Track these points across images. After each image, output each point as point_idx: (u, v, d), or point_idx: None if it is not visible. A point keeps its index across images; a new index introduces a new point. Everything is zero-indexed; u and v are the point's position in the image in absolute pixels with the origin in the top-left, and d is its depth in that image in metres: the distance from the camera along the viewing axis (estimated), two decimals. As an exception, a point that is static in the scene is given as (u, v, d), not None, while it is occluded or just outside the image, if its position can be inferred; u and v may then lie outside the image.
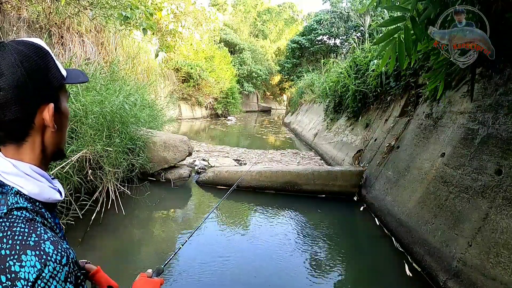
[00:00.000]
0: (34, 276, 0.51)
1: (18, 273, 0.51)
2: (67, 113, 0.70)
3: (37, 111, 0.62)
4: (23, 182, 0.60)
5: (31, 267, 0.51)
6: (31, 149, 0.63)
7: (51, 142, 0.66)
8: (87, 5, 5.86)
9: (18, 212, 0.56)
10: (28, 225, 0.55)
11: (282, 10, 38.66)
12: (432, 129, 3.36)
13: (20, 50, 0.60)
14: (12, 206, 0.57)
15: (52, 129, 0.64)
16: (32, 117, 0.61)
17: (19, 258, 0.52)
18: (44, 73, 0.62)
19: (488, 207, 2.23)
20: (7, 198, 0.58)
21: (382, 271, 2.82)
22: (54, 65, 0.65)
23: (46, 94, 0.63)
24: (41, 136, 0.64)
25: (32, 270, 0.51)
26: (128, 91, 4.81)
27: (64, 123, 0.70)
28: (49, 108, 0.63)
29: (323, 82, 9.62)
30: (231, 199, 4.51)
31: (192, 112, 16.87)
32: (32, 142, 0.63)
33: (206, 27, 16.02)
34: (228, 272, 2.63)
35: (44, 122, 0.62)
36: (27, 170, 0.61)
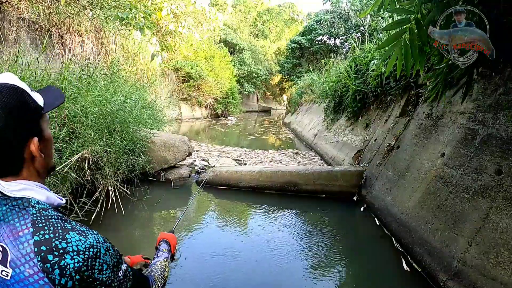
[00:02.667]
0: (83, 247, 0.63)
1: (66, 248, 0.62)
2: (50, 138, 0.76)
3: (24, 147, 0.68)
4: (34, 193, 0.68)
5: (78, 241, 0.63)
6: (28, 176, 0.70)
7: (42, 166, 0.73)
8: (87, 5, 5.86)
9: (45, 212, 0.66)
10: (59, 217, 0.67)
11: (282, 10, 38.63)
12: (432, 129, 3.36)
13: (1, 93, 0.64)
14: (39, 207, 0.66)
15: (40, 158, 0.71)
16: (22, 154, 0.68)
17: (64, 237, 0.63)
18: (23, 112, 0.66)
19: (488, 207, 2.23)
20: (30, 203, 0.66)
21: (382, 271, 2.82)
22: (30, 100, 0.69)
23: (29, 130, 0.68)
24: (32, 164, 0.70)
25: (79, 243, 0.63)
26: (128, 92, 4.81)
27: (48, 147, 0.75)
28: (34, 142, 0.68)
29: (323, 82, 9.61)
30: (231, 199, 4.51)
31: (192, 112, 16.86)
32: (27, 170, 0.70)
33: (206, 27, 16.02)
34: (227, 272, 2.63)
35: (32, 153, 0.69)
36: (33, 185, 0.69)
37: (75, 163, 3.18)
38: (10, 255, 0.61)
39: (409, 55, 1.95)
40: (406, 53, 1.94)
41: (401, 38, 1.95)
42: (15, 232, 0.63)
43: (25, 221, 0.64)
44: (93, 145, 3.40)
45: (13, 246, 0.62)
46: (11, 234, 0.63)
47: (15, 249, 0.61)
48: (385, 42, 2.20)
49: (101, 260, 0.65)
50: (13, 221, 0.64)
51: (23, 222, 0.64)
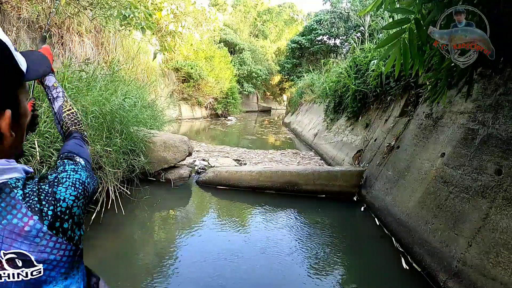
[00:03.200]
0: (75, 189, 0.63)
1: (68, 205, 0.59)
2: (26, 114, 0.63)
3: None
4: (9, 175, 0.56)
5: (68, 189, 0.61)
6: None
7: (10, 146, 0.60)
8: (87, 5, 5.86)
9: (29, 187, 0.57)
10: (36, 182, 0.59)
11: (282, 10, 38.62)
12: (432, 129, 3.36)
13: None
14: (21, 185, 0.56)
15: (10, 137, 0.57)
16: None
17: (57, 199, 0.58)
18: (1, 72, 0.53)
19: (488, 207, 2.23)
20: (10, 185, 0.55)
21: (382, 270, 2.82)
22: (11, 62, 0.56)
23: (2, 99, 0.54)
24: (1, 143, 0.57)
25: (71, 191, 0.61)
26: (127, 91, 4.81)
27: (23, 124, 0.63)
28: (5, 116, 0.54)
29: (323, 82, 9.61)
30: (231, 199, 4.51)
31: (192, 112, 16.86)
32: None
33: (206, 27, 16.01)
34: (227, 272, 2.63)
35: (0, 130, 0.55)
36: (5, 164, 0.57)
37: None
38: (32, 256, 0.53)
39: (407, 55, 1.95)
40: (405, 52, 1.95)
41: (400, 38, 1.95)
42: (20, 230, 0.52)
43: (20, 210, 0.53)
44: (93, 145, 3.40)
45: (29, 246, 0.53)
46: (16, 234, 0.52)
47: (34, 246, 0.53)
48: (384, 42, 2.19)
49: (87, 181, 0.67)
50: (5, 220, 0.52)
51: (20, 214, 0.53)
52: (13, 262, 0.52)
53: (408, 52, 1.93)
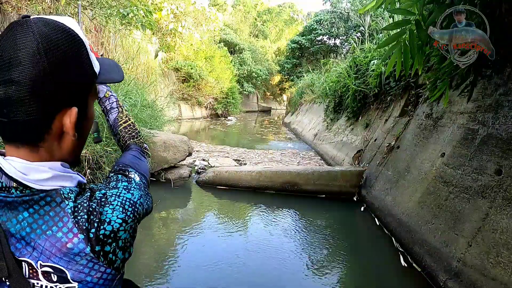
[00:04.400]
0: (123, 211, 0.55)
1: (114, 227, 0.53)
2: (92, 119, 0.61)
3: (57, 115, 0.51)
4: (63, 182, 0.53)
5: (115, 211, 0.54)
6: (49, 155, 0.54)
7: (68, 150, 0.56)
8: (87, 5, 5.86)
9: (80, 200, 0.53)
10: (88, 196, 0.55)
11: (282, 10, 38.64)
12: (432, 129, 3.36)
13: (47, 35, 0.48)
14: (73, 197, 0.52)
15: (72, 137, 0.54)
16: (50, 121, 0.51)
17: (104, 221, 0.52)
18: (73, 68, 0.51)
19: (488, 207, 2.23)
20: (63, 195, 0.51)
21: (382, 270, 2.82)
22: (86, 59, 0.54)
23: (71, 96, 0.52)
24: (58, 142, 0.54)
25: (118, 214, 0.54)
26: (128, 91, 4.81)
27: (86, 129, 0.60)
28: (71, 113, 0.52)
29: (323, 82, 9.61)
30: (231, 199, 4.51)
31: (192, 112, 16.86)
32: (49, 148, 0.53)
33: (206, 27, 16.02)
34: (227, 272, 2.63)
35: (63, 128, 0.53)
36: (60, 169, 0.54)
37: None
38: (68, 273, 0.50)
39: (408, 56, 1.95)
40: (406, 54, 1.94)
41: (401, 39, 1.94)
42: (62, 245, 0.49)
43: (67, 225, 0.50)
44: (93, 145, 3.40)
45: (67, 263, 0.49)
46: (57, 249, 0.49)
47: (73, 264, 0.50)
48: (385, 43, 2.19)
49: (138, 202, 0.59)
50: (50, 231, 0.49)
51: (66, 228, 0.49)
52: (48, 275, 0.50)
53: (409, 54, 1.93)
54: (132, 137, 0.88)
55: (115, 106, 0.94)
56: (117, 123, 0.91)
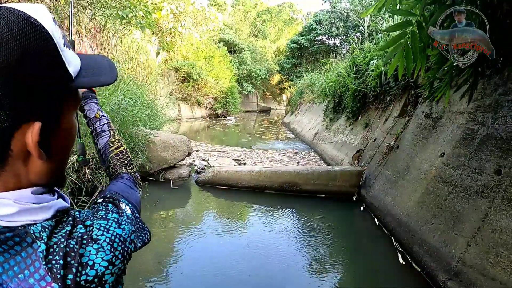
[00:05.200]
0: (108, 253, 0.45)
1: (97, 272, 0.44)
2: (71, 133, 0.49)
3: (15, 132, 0.40)
4: (34, 216, 0.43)
5: (98, 253, 0.45)
6: (15, 180, 0.43)
7: (39, 173, 0.45)
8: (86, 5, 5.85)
9: (55, 238, 0.43)
10: (67, 233, 0.44)
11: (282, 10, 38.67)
12: (432, 129, 3.36)
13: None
14: (46, 237, 0.42)
15: (38, 158, 0.43)
16: (7, 140, 0.41)
17: (85, 265, 0.43)
18: (34, 70, 0.40)
19: (488, 207, 2.24)
20: (33, 234, 0.41)
21: (381, 270, 2.82)
22: (55, 58, 0.42)
23: (32, 107, 0.41)
24: (24, 164, 0.43)
25: (102, 255, 0.45)
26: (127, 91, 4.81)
27: (61, 146, 0.48)
28: (33, 130, 0.41)
29: (323, 82, 9.62)
30: (230, 199, 4.51)
31: (191, 112, 16.86)
32: (13, 172, 0.43)
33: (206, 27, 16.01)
34: (227, 272, 2.63)
35: (25, 147, 0.42)
36: (31, 198, 0.44)
37: (75, 162, 3.18)
38: None
39: (410, 58, 1.94)
40: (408, 56, 1.93)
41: (403, 41, 1.94)
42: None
43: (39, 271, 0.40)
44: (92, 145, 3.40)
45: None
46: None
47: None
48: (386, 44, 2.18)
49: (128, 239, 0.50)
50: (22, 275, 0.39)
51: (37, 275, 0.40)
52: None
53: (411, 55, 1.92)
54: (125, 166, 0.79)
55: (106, 129, 0.83)
56: (108, 148, 0.81)
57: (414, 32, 1.88)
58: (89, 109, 0.85)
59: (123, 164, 0.79)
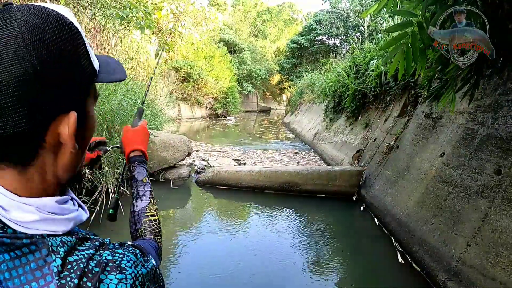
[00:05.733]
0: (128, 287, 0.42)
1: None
2: (93, 126, 0.50)
3: (51, 123, 0.41)
4: (54, 226, 0.42)
5: (118, 284, 0.41)
6: (40, 176, 0.43)
7: (66, 167, 0.45)
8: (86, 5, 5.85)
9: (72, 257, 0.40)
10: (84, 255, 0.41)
11: (282, 10, 38.68)
12: (432, 129, 3.36)
13: (34, 24, 0.38)
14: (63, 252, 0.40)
15: (72, 149, 0.43)
16: (43, 132, 0.40)
17: None
18: (68, 65, 0.41)
19: (488, 207, 2.24)
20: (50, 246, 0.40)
21: (381, 270, 2.82)
22: (85, 54, 0.44)
23: (68, 99, 0.42)
24: (54, 157, 0.43)
25: (123, 286, 0.41)
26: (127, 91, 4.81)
27: (87, 137, 0.49)
28: (69, 119, 0.41)
29: (323, 82, 9.62)
30: (230, 199, 4.51)
31: (191, 112, 16.86)
32: (41, 165, 0.42)
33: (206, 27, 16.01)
34: (226, 272, 2.63)
35: (59, 139, 0.42)
36: (54, 208, 0.43)
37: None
38: None
39: (410, 59, 1.93)
40: (408, 56, 1.93)
41: (403, 41, 1.93)
42: None
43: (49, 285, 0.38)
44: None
45: None
46: None
47: None
48: (387, 44, 2.18)
49: (148, 283, 0.45)
50: (28, 286, 0.37)
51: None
52: None
53: (411, 56, 1.92)
54: (154, 234, 0.78)
55: (148, 195, 0.85)
56: (144, 213, 0.82)
57: (415, 32, 1.88)
58: (138, 171, 0.87)
59: (153, 231, 0.79)
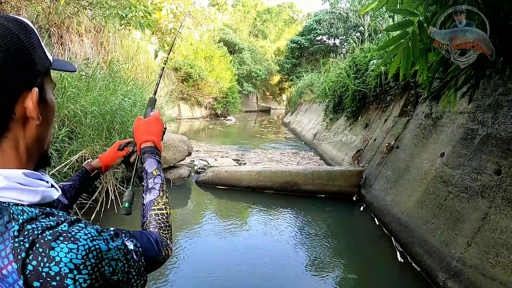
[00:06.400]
0: (80, 257, 0.44)
1: (61, 272, 0.43)
2: (53, 105, 0.59)
3: (18, 98, 0.50)
4: (20, 195, 0.48)
5: (69, 254, 0.44)
6: (14, 148, 0.51)
7: (35, 138, 0.54)
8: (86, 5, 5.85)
9: (30, 225, 0.45)
10: (42, 225, 0.46)
11: (282, 10, 38.66)
12: (432, 129, 3.36)
13: (1, 24, 0.50)
14: (22, 220, 0.45)
15: (37, 121, 0.52)
16: (12, 105, 0.50)
17: (50, 257, 0.43)
18: (29, 53, 0.52)
19: (488, 207, 2.24)
20: (10, 212, 0.46)
21: (381, 270, 2.82)
22: (39, 45, 0.55)
23: (30, 78, 0.52)
24: (23, 129, 0.52)
25: (72, 256, 0.44)
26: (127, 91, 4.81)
27: (49, 116, 0.58)
28: (32, 94, 0.51)
29: (323, 82, 9.62)
30: (230, 199, 4.51)
31: (191, 112, 16.85)
32: (14, 138, 0.51)
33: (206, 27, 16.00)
34: (227, 272, 2.63)
35: (26, 112, 0.51)
36: (21, 179, 0.49)
37: (75, 162, 3.18)
38: None
39: (410, 59, 1.93)
40: (408, 56, 1.92)
41: (403, 41, 1.93)
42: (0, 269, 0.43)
43: (6, 249, 0.43)
44: (92, 145, 3.40)
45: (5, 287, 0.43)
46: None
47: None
48: (386, 44, 2.17)
49: (107, 260, 0.48)
50: None
51: (4, 252, 0.43)
52: None
53: (411, 56, 1.91)
54: (159, 228, 0.76)
55: (158, 188, 0.83)
56: (151, 206, 0.81)
57: (415, 32, 1.87)
58: (149, 163, 0.86)
59: (158, 225, 0.76)
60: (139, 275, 0.55)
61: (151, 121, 0.93)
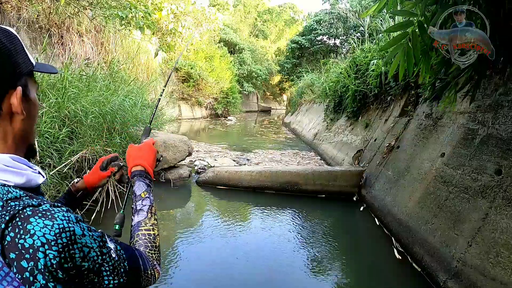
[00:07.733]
0: (53, 234, 0.47)
1: (33, 244, 0.47)
2: (36, 103, 0.65)
3: (5, 96, 0.56)
4: (7, 176, 0.54)
5: (43, 228, 0.47)
6: (2, 139, 0.58)
7: (21, 131, 0.60)
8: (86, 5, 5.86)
9: (13, 202, 0.50)
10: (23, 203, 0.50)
11: (283, 10, 38.65)
12: (432, 129, 3.36)
13: None
14: (6, 197, 0.51)
15: (21, 116, 0.58)
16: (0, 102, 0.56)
17: (26, 230, 0.47)
18: (13, 56, 0.58)
19: (488, 207, 2.23)
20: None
21: (381, 270, 2.82)
22: (22, 50, 0.61)
23: (14, 79, 0.58)
24: (10, 124, 0.58)
25: (46, 230, 0.47)
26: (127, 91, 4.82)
27: (32, 112, 0.64)
28: (17, 92, 0.57)
29: (323, 82, 9.61)
30: (231, 199, 4.51)
31: (192, 112, 16.85)
32: (3, 131, 0.57)
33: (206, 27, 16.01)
34: (226, 272, 2.63)
35: (12, 108, 0.57)
36: (8, 162, 0.55)
37: (75, 162, 3.19)
38: None
39: (411, 59, 1.92)
40: (409, 57, 1.92)
41: (404, 41, 1.92)
42: None
43: None
44: (92, 145, 3.40)
45: None
46: None
47: None
48: (387, 45, 2.17)
49: (79, 244, 0.50)
50: None
51: None
52: None
53: (412, 56, 1.91)
54: (146, 247, 0.77)
55: (146, 210, 0.86)
56: (139, 226, 0.82)
57: (415, 32, 1.87)
58: (137, 186, 0.89)
59: (144, 243, 0.78)
60: (114, 273, 0.57)
61: (143, 148, 0.99)
